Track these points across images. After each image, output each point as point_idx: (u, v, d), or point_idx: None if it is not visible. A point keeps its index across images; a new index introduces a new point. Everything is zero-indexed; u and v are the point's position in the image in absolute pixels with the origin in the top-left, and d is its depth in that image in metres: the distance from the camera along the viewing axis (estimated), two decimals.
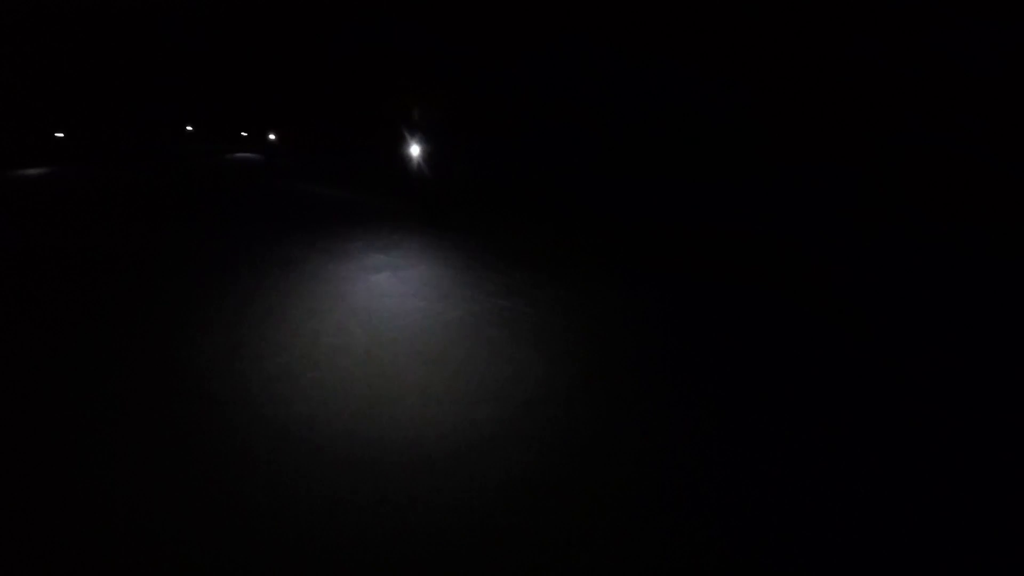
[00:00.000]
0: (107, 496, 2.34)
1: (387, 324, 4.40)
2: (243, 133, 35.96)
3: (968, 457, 3.16)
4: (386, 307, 4.82)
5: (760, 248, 10.21)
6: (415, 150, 7.92)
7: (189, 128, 38.21)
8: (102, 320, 4.09)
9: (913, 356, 5.06)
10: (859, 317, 6.26)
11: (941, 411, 3.80)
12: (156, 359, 3.57)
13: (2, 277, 5.13)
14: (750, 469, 2.77)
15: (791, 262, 9.26)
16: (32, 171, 13.24)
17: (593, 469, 2.68)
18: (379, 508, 2.32)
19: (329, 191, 11.84)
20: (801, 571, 2.14)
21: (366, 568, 1.99)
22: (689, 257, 8.90)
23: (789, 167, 16.47)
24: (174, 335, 3.92)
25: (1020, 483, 2.93)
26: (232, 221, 8.19)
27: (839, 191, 15.11)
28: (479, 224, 9.29)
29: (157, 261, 5.77)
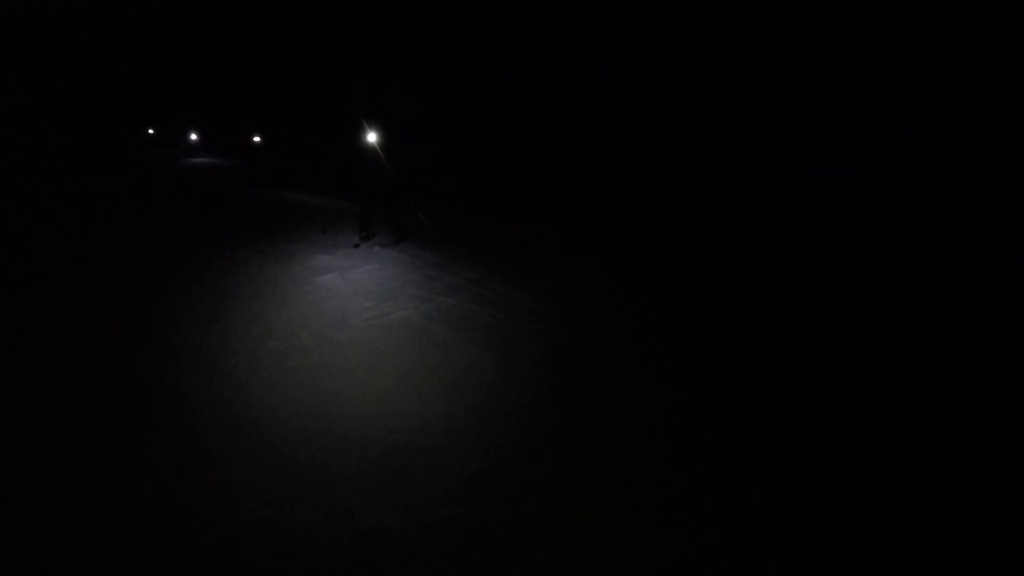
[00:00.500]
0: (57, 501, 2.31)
1: (333, 325, 4.36)
2: (192, 136, 34.22)
3: (968, 457, 3.15)
4: (332, 308, 4.78)
5: (760, 248, 10.20)
6: (382, 146, 7.24)
7: (151, 131, 36.42)
8: (30, 331, 4.00)
9: (913, 356, 5.05)
10: (859, 317, 6.24)
11: (941, 411, 3.79)
12: (98, 363, 3.50)
13: None
14: (750, 469, 2.76)
15: (791, 262, 9.24)
16: None
17: (581, 468, 2.67)
18: (333, 512, 2.29)
19: (292, 195, 11.74)
20: (801, 571, 2.13)
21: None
22: (681, 256, 8.89)
23: (789, 167, 16.49)
24: (113, 342, 3.84)
25: (1020, 483, 2.92)
26: (178, 228, 8.07)
27: (839, 191, 15.13)
28: (441, 224, 9.23)
29: (99, 266, 5.68)
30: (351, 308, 4.76)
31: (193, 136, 34.28)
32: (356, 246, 7.43)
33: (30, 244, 6.37)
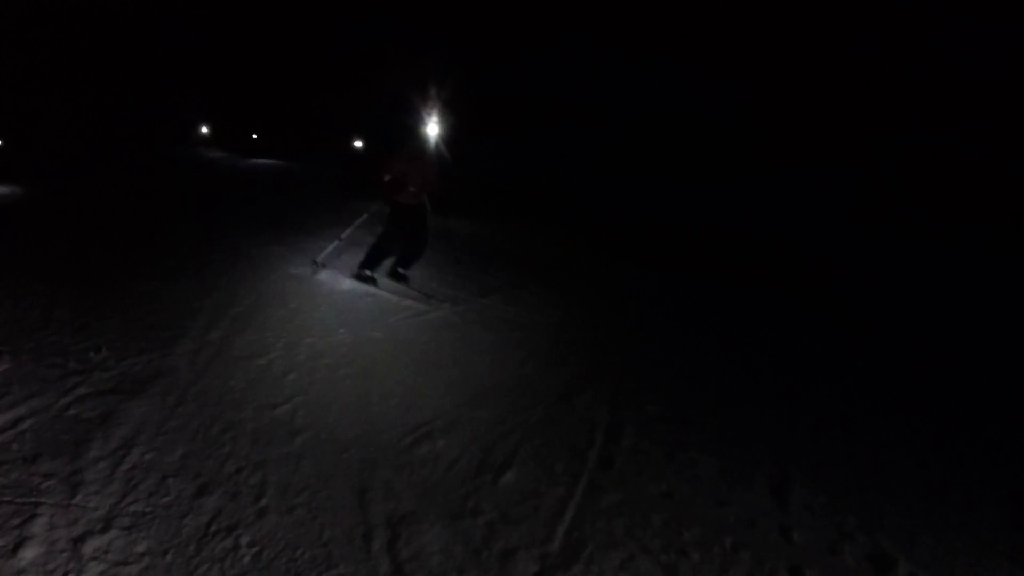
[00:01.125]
0: None
1: (370, 324, 4.36)
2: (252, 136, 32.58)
3: (968, 458, 3.16)
4: (369, 306, 4.79)
5: (760, 248, 10.22)
6: (444, 142, 5.77)
7: (204, 130, 34.86)
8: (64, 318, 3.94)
9: (913, 356, 5.06)
10: (859, 317, 6.26)
11: (941, 411, 3.80)
12: (130, 357, 3.47)
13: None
14: (749, 470, 2.77)
15: (791, 262, 9.25)
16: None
17: (590, 468, 2.68)
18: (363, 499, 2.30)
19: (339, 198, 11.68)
20: (802, 572, 2.14)
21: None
22: (688, 257, 8.90)
23: (789, 167, 16.51)
24: (152, 332, 3.82)
25: (1021, 483, 2.93)
26: (221, 223, 8.04)
27: (839, 191, 15.15)
28: (467, 224, 9.24)
29: (129, 261, 5.62)
30: (387, 307, 4.79)
31: (253, 136, 32.24)
32: (316, 264, 5.65)
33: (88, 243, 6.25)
